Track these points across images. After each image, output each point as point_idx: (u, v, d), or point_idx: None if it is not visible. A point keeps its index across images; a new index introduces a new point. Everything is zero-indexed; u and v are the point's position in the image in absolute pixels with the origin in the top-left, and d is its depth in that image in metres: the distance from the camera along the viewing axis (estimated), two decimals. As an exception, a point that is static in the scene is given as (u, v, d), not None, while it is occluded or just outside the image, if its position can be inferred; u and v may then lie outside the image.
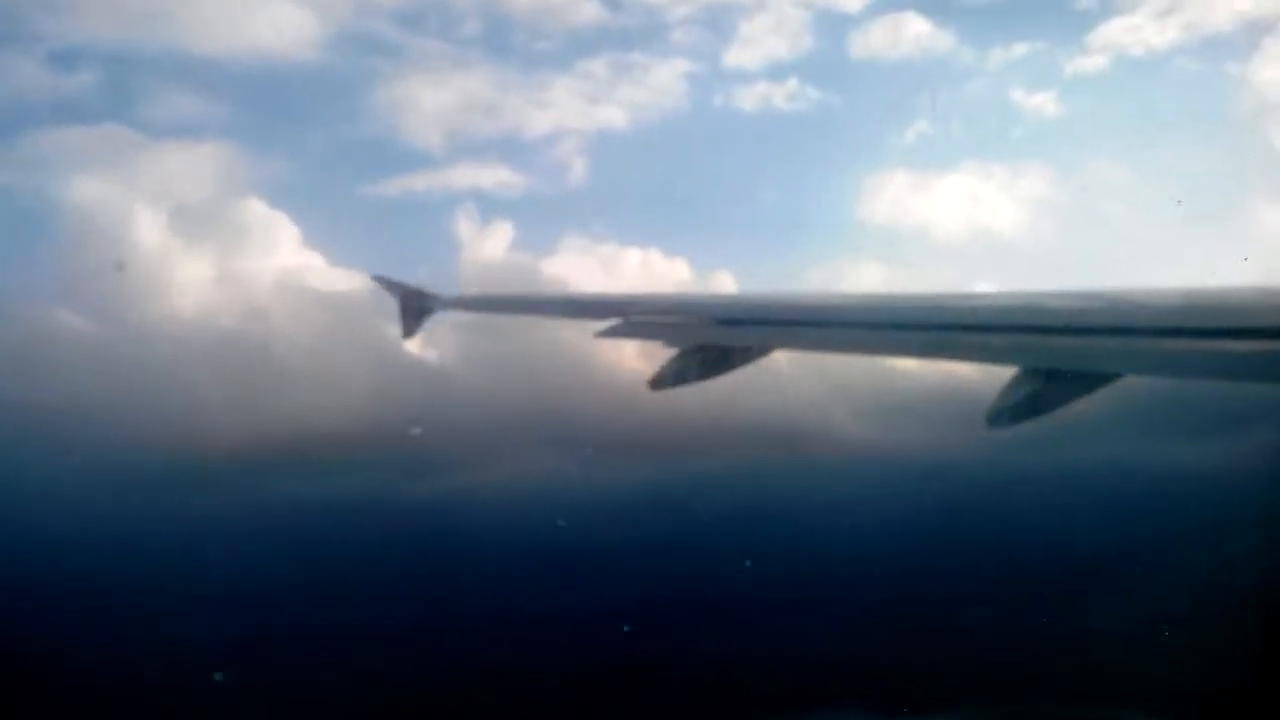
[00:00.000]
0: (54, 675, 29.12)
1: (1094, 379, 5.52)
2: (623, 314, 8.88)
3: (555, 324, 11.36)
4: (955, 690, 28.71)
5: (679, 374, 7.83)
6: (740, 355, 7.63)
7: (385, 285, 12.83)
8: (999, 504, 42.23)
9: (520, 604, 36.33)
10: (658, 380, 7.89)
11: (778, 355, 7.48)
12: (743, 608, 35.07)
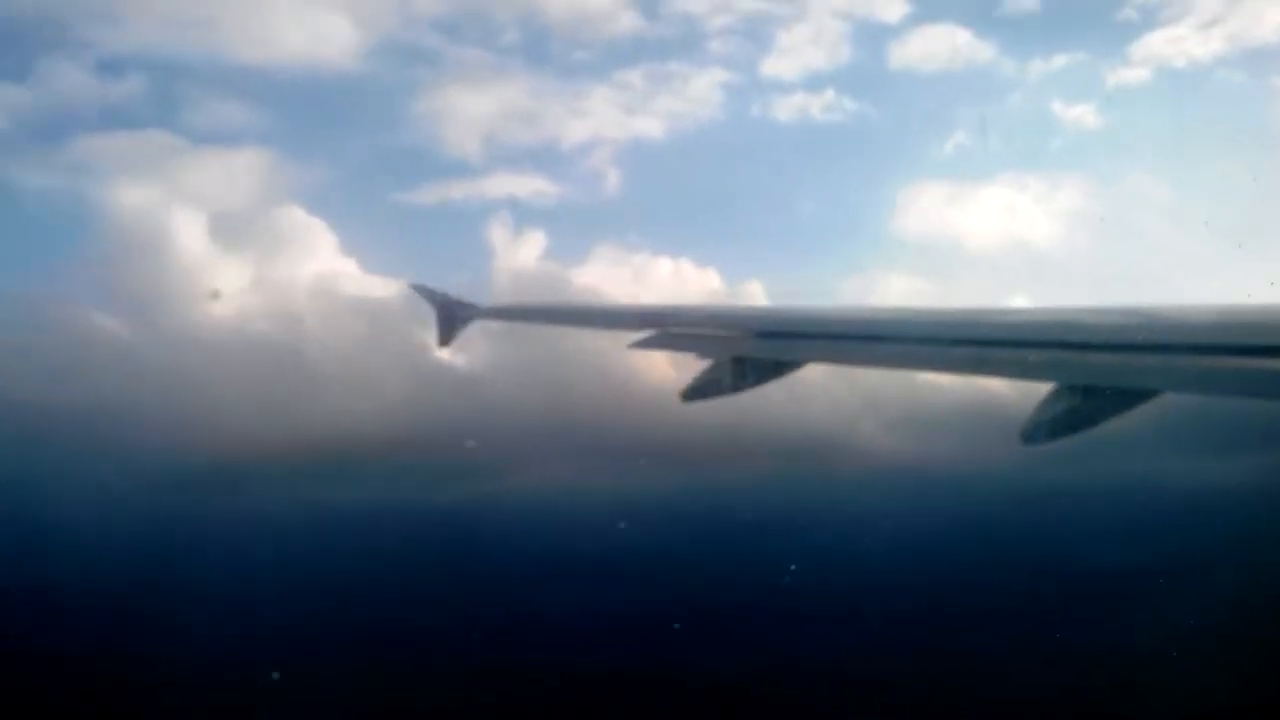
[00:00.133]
0: (88, 673, 29.59)
1: (1132, 396, 5.50)
2: (657, 325, 8.95)
3: (588, 334, 11.44)
4: (981, 705, 28.42)
5: (712, 386, 7.88)
6: (773, 369, 7.66)
7: (423, 294, 13.00)
8: (1032, 519, 41.80)
9: (546, 609, 36.44)
10: (691, 392, 7.94)
11: (811, 369, 7.49)
12: (771, 617, 34.95)
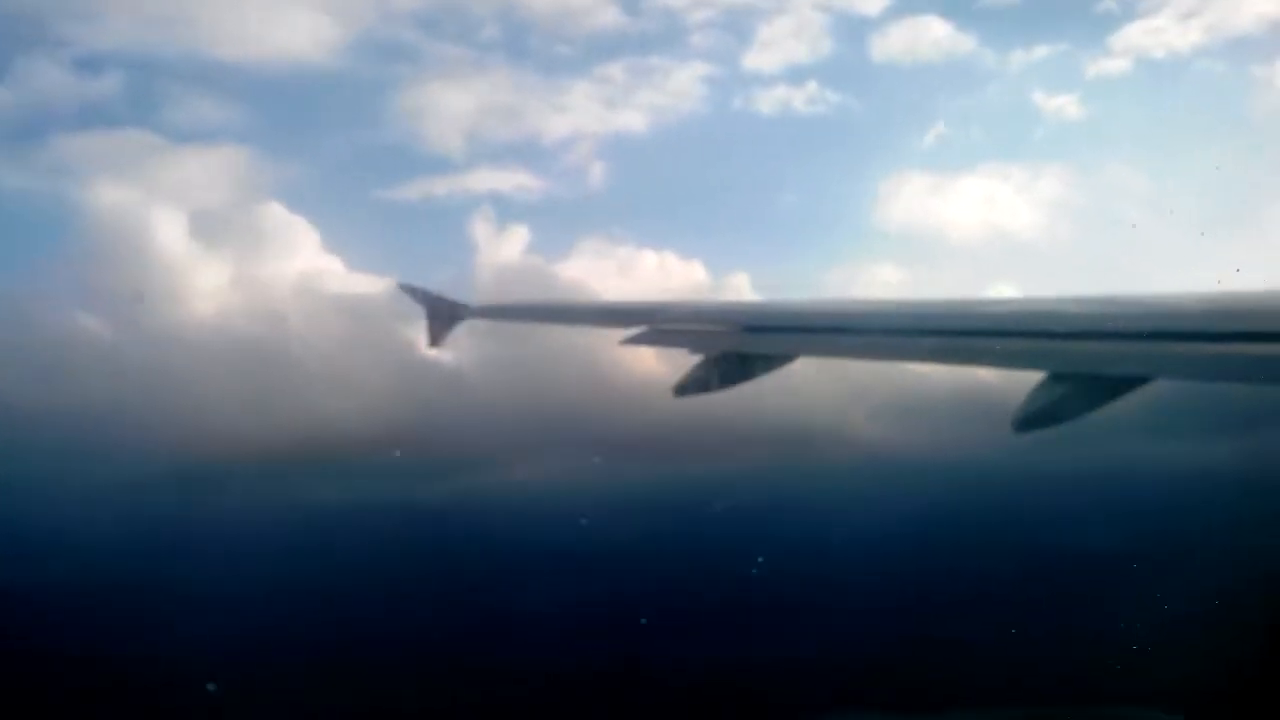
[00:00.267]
0: (71, 676, 29.43)
1: (1122, 383, 5.53)
2: (647, 322, 8.96)
3: (578, 331, 11.43)
4: (975, 691, 28.56)
5: (703, 381, 7.89)
6: (764, 363, 7.67)
7: (412, 294, 12.92)
8: (1028, 506, 42.01)
9: (537, 605, 36.40)
10: (682, 387, 7.95)
11: (802, 362, 7.51)
12: (764, 611, 35.03)
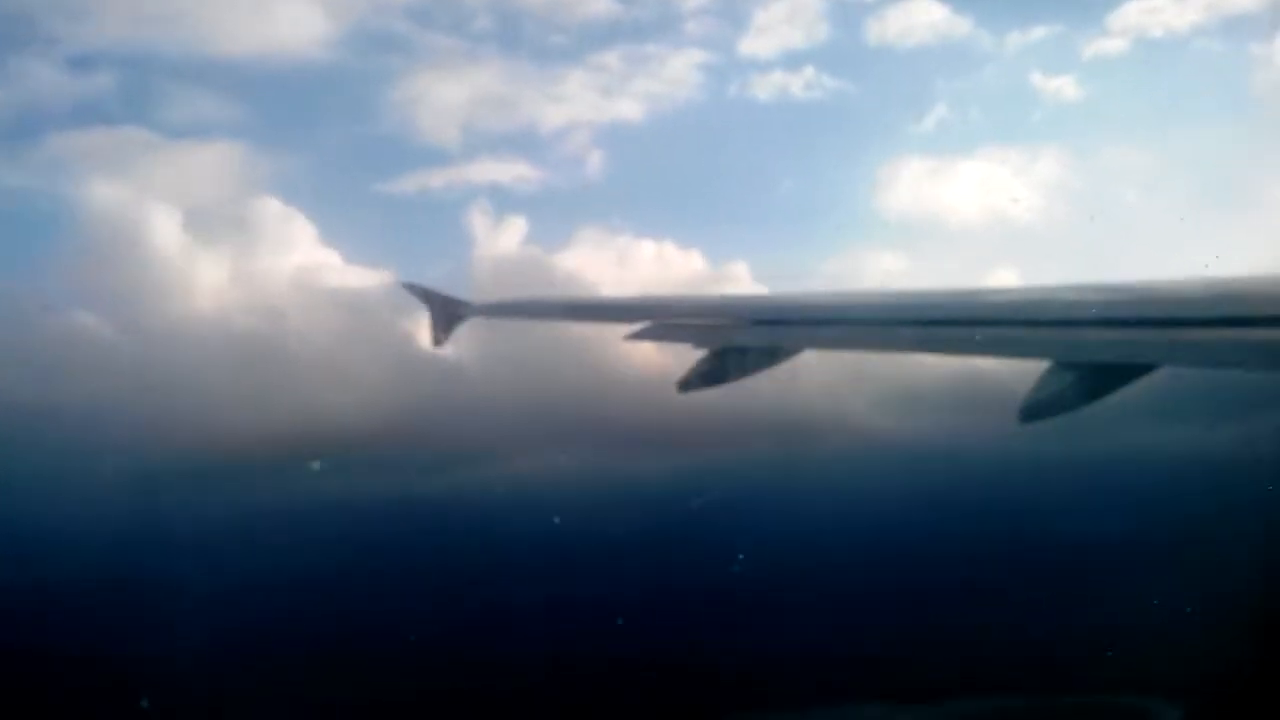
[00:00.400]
0: (72, 675, 29.47)
1: (1130, 371, 5.50)
2: (651, 317, 8.93)
3: (582, 326, 11.41)
4: (980, 680, 28.55)
5: (708, 375, 7.85)
6: (769, 356, 7.63)
7: (415, 293, 12.79)
8: (1033, 498, 41.91)
9: (540, 599, 36.39)
10: (686, 382, 7.91)
11: (807, 355, 7.48)
12: (771, 602, 35.01)
